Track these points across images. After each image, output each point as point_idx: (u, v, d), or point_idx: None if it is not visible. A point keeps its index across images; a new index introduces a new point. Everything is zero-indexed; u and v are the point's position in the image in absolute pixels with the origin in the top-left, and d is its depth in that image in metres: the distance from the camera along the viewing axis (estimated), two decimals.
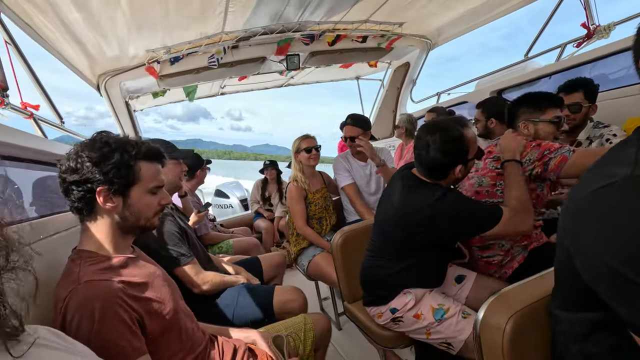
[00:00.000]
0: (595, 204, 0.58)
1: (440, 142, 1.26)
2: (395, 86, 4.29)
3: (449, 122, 1.30)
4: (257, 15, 2.50)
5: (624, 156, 0.58)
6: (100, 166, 0.88)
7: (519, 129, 1.58)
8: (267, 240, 3.73)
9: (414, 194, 1.33)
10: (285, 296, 1.70)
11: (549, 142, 1.40)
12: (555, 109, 1.54)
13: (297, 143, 2.43)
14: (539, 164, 1.39)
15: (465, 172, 1.32)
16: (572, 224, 0.64)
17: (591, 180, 0.61)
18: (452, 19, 3.18)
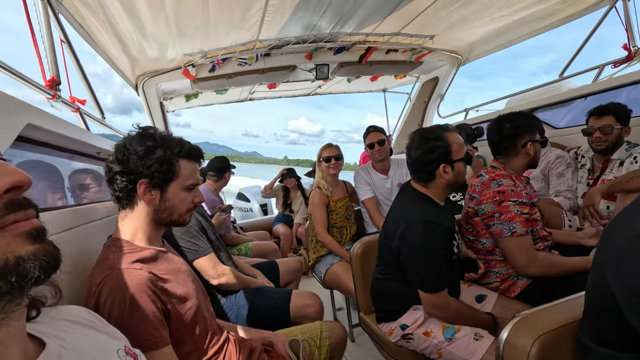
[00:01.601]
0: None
1: (419, 140, 1.34)
2: (422, 100, 4.27)
3: (432, 126, 1.40)
4: (291, 25, 2.57)
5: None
6: (144, 160, 0.94)
7: (522, 150, 1.58)
8: (284, 246, 3.76)
9: (403, 208, 1.37)
10: (302, 301, 1.71)
11: (507, 202, 1.45)
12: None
13: (320, 152, 2.46)
14: (484, 220, 1.52)
15: (453, 174, 1.33)
16: (618, 260, 0.60)
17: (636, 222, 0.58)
18: (486, 34, 3.15)
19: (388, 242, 1.39)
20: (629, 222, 0.60)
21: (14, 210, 0.41)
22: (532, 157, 1.58)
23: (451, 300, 1.30)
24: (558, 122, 2.91)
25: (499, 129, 1.60)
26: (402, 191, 1.49)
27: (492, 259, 1.57)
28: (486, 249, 1.57)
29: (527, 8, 2.62)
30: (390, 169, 2.67)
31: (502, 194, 1.46)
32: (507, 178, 1.52)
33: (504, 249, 1.46)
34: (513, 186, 1.48)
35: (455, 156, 1.33)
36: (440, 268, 1.28)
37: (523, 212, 1.43)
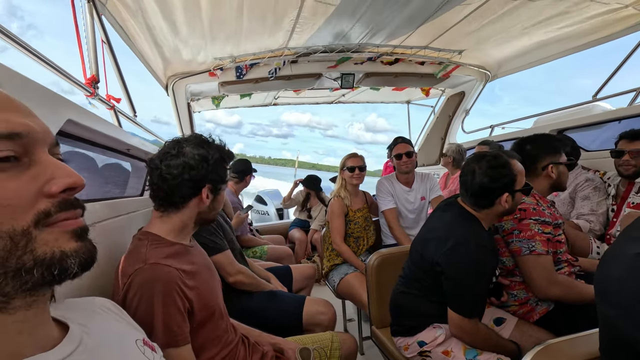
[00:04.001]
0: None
1: (487, 167, 1.27)
2: (447, 114, 4.22)
3: (497, 151, 1.33)
4: (321, 34, 2.61)
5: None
6: (214, 167, 1.01)
7: (543, 172, 1.55)
8: (299, 252, 3.76)
9: (452, 225, 1.33)
10: (316, 308, 1.70)
11: (528, 220, 1.41)
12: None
13: (344, 160, 2.47)
14: (504, 237, 1.47)
15: (512, 204, 1.29)
16: (613, 286, 0.59)
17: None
18: (516, 51, 3.10)
19: (426, 255, 1.35)
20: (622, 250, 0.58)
21: (66, 209, 0.45)
22: (555, 180, 1.54)
23: (481, 327, 1.26)
24: (589, 144, 2.81)
25: (520, 150, 1.57)
26: (447, 207, 1.44)
27: (512, 280, 1.52)
28: (506, 268, 1.53)
29: (564, 27, 2.57)
30: (414, 182, 2.64)
31: (524, 212, 1.42)
32: (530, 197, 1.49)
33: (523, 268, 1.42)
34: (535, 205, 1.45)
35: (517, 186, 1.30)
36: (481, 294, 1.25)
37: (545, 231, 1.39)
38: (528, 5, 2.28)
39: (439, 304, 1.29)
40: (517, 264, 1.46)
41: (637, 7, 2.23)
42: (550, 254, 1.41)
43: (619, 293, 0.58)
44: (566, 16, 2.40)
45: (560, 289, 1.36)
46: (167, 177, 0.98)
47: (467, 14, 2.39)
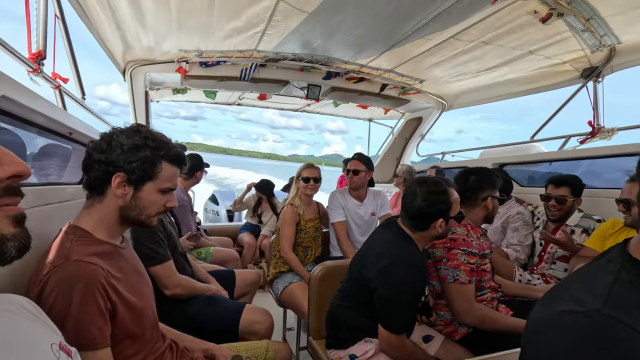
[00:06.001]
0: (561, 330, 0.58)
1: (427, 192, 1.35)
2: (404, 136, 4.43)
3: (438, 178, 1.42)
4: (290, 41, 2.63)
5: (600, 283, 0.59)
6: (128, 154, 0.93)
7: (482, 203, 1.68)
8: (247, 256, 3.70)
9: (389, 244, 1.39)
10: (254, 316, 1.69)
11: (456, 250, 1.52)
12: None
13: (300, 170, 2.49)
14: (435, 263, 1.57)
15: (445, 229, 1.38)
16: (535, 335, 0.63)
17: (565, 296, 0.62)
18: (470, 87, 3.36)
19: (362, 271, 1.39)
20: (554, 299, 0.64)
21: (9, 195, 0.47)
22: (489, 212, 1.68)
23: (408, 343, 1.33)
24: (523, 180, 3.10)
25: (465, 180, 1.69)
26: (387, 226, 1.51)
27: (440, 302, 1.63)
28: (436, 291, 1.63)
29: (511, 72, 2.83)
30: (366, 197, 2.72)
31: (453, 242, 1.53)
32: (462, 227, 1.60)
33: (447, 294, 1.53)
34: (465, 235, 1.56)
35: (452, 213, 1.38)
36: (409, 312, 1.32)
37: (470, 261, 1.50)
38: (482, 50, 2.50)
39: (372, 319, 1.34)
40: (443, 289, 1.56)
41: (573, 64, 2.53)
42: (473, 283, 1.52)
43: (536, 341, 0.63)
44: (514, 64, 2.66)
45: (474, 319, 1.49)
46: (85, 158, 0.95)
47: (428, 48, 2.56)
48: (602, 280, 0.60)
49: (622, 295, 0.56)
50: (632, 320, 0.53)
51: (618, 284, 0.58)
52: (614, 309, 0.54)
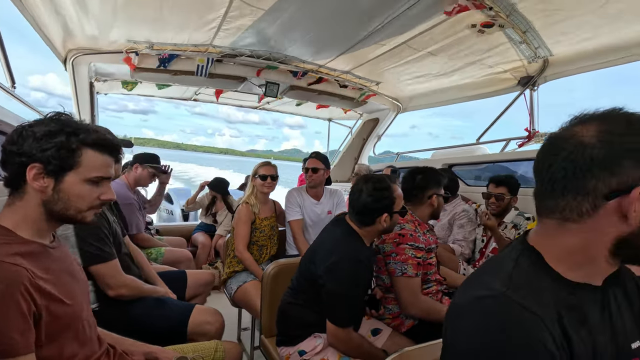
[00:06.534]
0: (472, 312, 0.64)
1: (372, 188, 1.41)
2: (361, 137, 4.54)
3: (382, 176, 1.49)
4: (247, 37, 2.60)
5: (504, 269, 0.66)
6: (40, 143, 0.85)
7: (428, 200, 1.78)
8: (201, 257, 3.59)
9: (336, 241, 1.43)
10: (203, 317, 1.65)
11: (405, 244, 1.60)
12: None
13: (256, 168, 2.46)
14: (384, 258, 1.64)
15: (390, 224, 1.44)
16: (453, 320, 0.68)
17: (478, 283, 0.68)
18: (422, 91, 3.52)
19: (311, 268, 1.42)
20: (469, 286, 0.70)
21: None
22: (435, 209, 1.77)
23: (354, 336, 1.36)
24: (469, 179, 3.30)
25: (412, 179, 1.78)
26: (336, 223, 1.55)
27: (389, 296, 1.70)
28: (385, 285, 1.70)
29: (459, 79, 3.01)
30: (323, 196, 2.75)
31: (402, 237, 1.61)
32: (410, 223, 1.69)
33: (395, 287, 1.60)
34: (413, 231, 1.64)
35: (396, 208, 1.44)
36: (356, 306, 1.36)
37: (417, 255, 1.58)
38: (432, 57, 2.63)
39: (321, 314, 1.37)
40: (392, 283, 1.63)
41: (513, 73, 2.74)
42: (420, 276, 1.60)
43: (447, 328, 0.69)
44: (461, 71, 2.84)
45: (420, 311, 1.57)
46: (2, 152, 0.87)
47: (383, 52, 2.65)
48: (505, 266, 0.67)
49: (520, 279, 0.63)
50: (530, 302, 0.59)
51: (518, 269, 0.65)
52: (514, 292, 0.61)
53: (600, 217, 0.61)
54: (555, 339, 0.58)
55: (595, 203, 0.60)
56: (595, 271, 0.66)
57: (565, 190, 0.63)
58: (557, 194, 0.64)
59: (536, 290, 0.62)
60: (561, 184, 0.63)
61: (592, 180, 0.59)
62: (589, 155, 0.59)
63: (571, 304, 0.63)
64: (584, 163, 0.60)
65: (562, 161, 0.62)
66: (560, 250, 0.66)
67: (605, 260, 0.63)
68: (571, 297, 0.64)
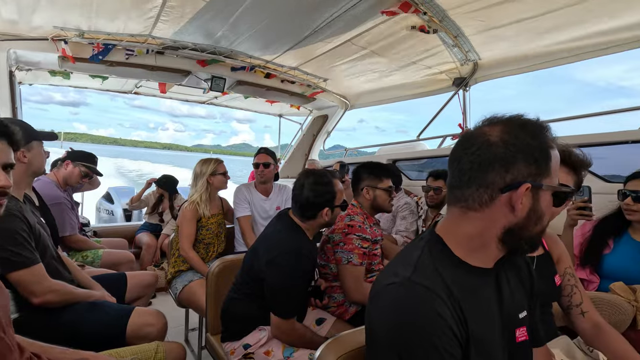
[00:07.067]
0: (383, 297, 0.72)
1: (313, 183, 1.45)
2: (312, 133, 4.60)
3: (324, 171, 1.53)
4: (189, 30, 2.52)
5: (412, 257, 0.74)
6: None
7: (361, 193, 1.86)
8: (145, 258, 3.42)
9: (279, 235, 1.45)
10: (143, 319, 1.58)
11: (353, 235, 1.68)
12: (389, 179, 1.88)
13: (213, 166, 2.40)
14: (333, 247, 1.70)
15: (331, 217, 1.49)
16: (370, 305, 0.76)
17: (389, 271, 0.76)
18: (369, 90, 3.66)
19: (254, 262, 1.43)
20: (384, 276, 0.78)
21: None
22: (372, 202, 1.83)
23: (298, 327, 1.40)
24: (411, 173, 3.51)
25: (353, 173, 1.86)
26: (279, 218, 1.56)
27: (335, 285, 1.76)
28: (333, 274, 1.76)
29: (402, 78, 3.17)
30: (272, 192, 2.76)
31: (351, 228, 1.68)
32: (359, 215, 1.77)
33: (340, 275, 1.67)
34: (361, 223, 1.72)
35: (337, 202, 1.49)
36: (299, 298, 1.38)
37: (363, 246, 1.67)
38: (375, 56, 2.75)
39: (265, 308, 1.39)
40: (338, 271, 1.70)
41: (448, 74, 2.95)
42: (364, 265, 1.69)
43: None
44: (403, 70, 2.99)
45: (362, 297, 1.61)
46: None
47: (328, 49, 2.71)
48: (413, 254, 0.75)
49: (425, 265, 0.71)
50: (431, 283, 0.68)
51: (424, 256, 0.73)
52: (418, 276, 0.69)
53: (495, 207, 0.70)
54: (453, 314, 0.66)
55: (492, 195, 0.69)
56: (487, 256, 0.75)
57: (470, 181, 0.71)
58: (464, 184, 0.72)
59: (438, 273, 0.70)
60: (467, 175, 0.72)
61: (492, 174, 0.69)
62: (493, 153, 0.69)
63: (468, 284, 0.72)
64: (488, 159, 0.69)
65: (471, 155, 0.71)
66: (462, 237, 0.75)
67: (496, 246, 0.73)
68: (468, 278, 0.73)
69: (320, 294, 1.68)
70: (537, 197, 0.69)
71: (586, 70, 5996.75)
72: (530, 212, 0.69)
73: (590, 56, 2.28)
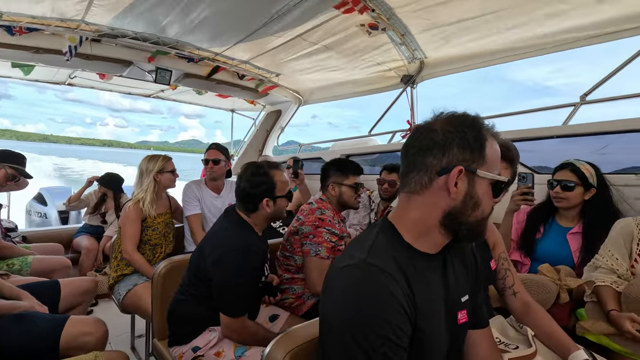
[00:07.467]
0: (339, 279, 0.75)
1: (250, 174, 1.45)
2: (265, 129, 4.53)
3: (262, 162, 1.53)
4: (130, 17, 2.35)
5: (367, 241, 0.78)
6: None
7: (328, 188, 1.90)
8: (85, 263, 3.17)
9: (225, 232, 1.43)
10: (80, 328, 1.47)
11: (323, 229, 1.73)
12: (356, 176, 1.93)
13: (161, 163, 2.27)
14: (301, 239, 1.74)
15: (274, 208, 1.47)
16: (326, 288, 0.78)
17: (345, 255, 0.79)
18: (322, 85, 3.67)
19: (201, 262, 1.38)
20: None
21: None
22: (339, 198, 1.86)
23: (249, 325, 1.38)
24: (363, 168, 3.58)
25: (322, 169, 1.93)
26: (226, 214, 1.52)
27: (298, 277, 1.78)
28: (297, 265, 1.79)
29: (353, 74, 3.21)
30: (224, 189, 2.67)
31: (322, 221, 1.72)
32: (330, 210, 1.82)
33: (305, 267, 1.69)
34: (331, 218, 1.77)
35: (278, 193, 1.47)
36: (248, 295, 1.35)
37: (332, 240, 1.70)
38: (327, 51, 2.76)
39: (214, 308, 1.35)
40: (303, 263, 1.71)
41: (397, 72, 3.05)
42: (331, 259, 1.70)
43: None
44: (354, 67, 3.03)
45: None
46: None
47: (280, 44, 2.68)
48: (367, 239, 0.79)
49: (378, 248, 0.76)
50: (384, 264, 0.72)
51: (377, 240, 0.78)
52: (372, 257, 0.73)
53: (434, 190, 0.76)
54: (404, 292, 0.71)
55: (431, 177, 0.75)
56: (433, 241, 0.81)
57: (413, 166, 0.78)
58: (410, 170, 0.79)
59: (390, 256, 0.75)
60: (412, 160, 0.78)
61: (430, 158, 0.75)
62: (433, 139, 0.75)
63: (417, 267, 0.77)
64: (428, 144, 0.76)
65: (417, 143, 0.78)
66: (409, 223, 0.80)
67: (438, 231, 0.78)
68: (417, 262, 0.78)
69: (273, 291, 1.66)
70: (472, 182, 0.75)
71: (517, 70, 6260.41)
72: (467, 196, 0.75)
73: (523, 57, 2.46)
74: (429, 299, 0.77)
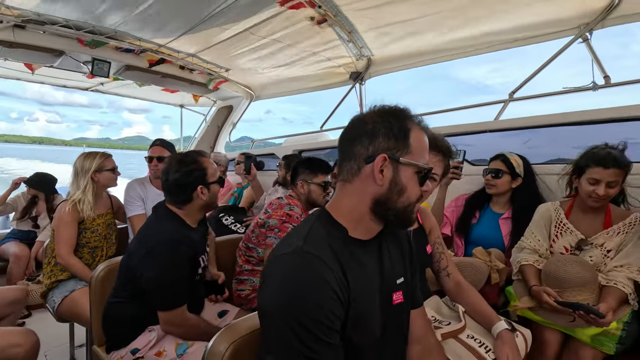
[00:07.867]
0: (276, 266, 0.77)
1: (178, 165, 1.41)
2: (216, 124, 4.41)
3: (189, 152, 1.52)
4: (59, 3, 2.17)
5: (304, 230, 0.81)
6: None
7: (297, 186, 1.93)
8: (14, 271, 2.89)
9: (152, 228, 1.40)
10: (7, 340, 1.36)
11: (289, 224, 1.78)
12: (325, 175, 1.98)
13: (99, 161, 2.12)
14: (266, 232, 1.81)
15: (209, 195, 1.45)
16: (265, 275, 0.80)
17: (285, 243, 0.82)
18: (273, 81, 3.65)
19: (129, 261, 1.34)
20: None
21: None
22: (307, 195, 1.92)
23: (189, 317, 1.34)
24: None
25: (292, 167, 1.99)
26: (155, 210, 1.48)
27: (258, 269, 1.81)
28: (259, 258, 1.82)
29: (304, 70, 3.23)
30: None
31: (289, 217, 1.76)
32: (298, 207, 1.86)
33: (266, 259, 1.73)
34: (299, 215, 1.81)
35: (210, 179, 1.45)
36: (182, 286, 1.31)
37: None
38: (276, 46, 2.75)
39: (150, 306, 1.31)
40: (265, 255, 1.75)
41: (346, 68, 3.11)
42: None
43: None
44: (304, 62, 3.05)
45: None
46: None
47: (228, 37, 2.62)
48: (305, 228, 0.82)
49: (314, 236, 0.79)
50: (319, 252, 0.75)
51: (314, 229, 0.81)
52: (309, 245, 0.76)
53: (362, 177, 0.80)
54: (338, 280, 0.74)
55: (359, 165, 0.80)
56: (367, 228, 0.85)
57: (345, 154, 0.82)
58: (343, 158, 0.83)
59: (325, 243, 0.78)
60: (344, 149, 0.83)
61: (359, 147, 0.80)
62: (363, 129, 0.80)
63: (352, 253, 0.81)
64: (358, 134, 0.80)
65: (350, 133, 0.83)
66: (344, 210, 0.84)
67: (370, 218, 0.83)
68: (352, 248, 0.82)
69: (220, 288, 1.64)
70: (397, 170, 0.79)
71: (460, 69, 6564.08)
72: (392, 183, 0.79)
73: (463, 56, 2.63)
74: (363, 282, 0.81)
